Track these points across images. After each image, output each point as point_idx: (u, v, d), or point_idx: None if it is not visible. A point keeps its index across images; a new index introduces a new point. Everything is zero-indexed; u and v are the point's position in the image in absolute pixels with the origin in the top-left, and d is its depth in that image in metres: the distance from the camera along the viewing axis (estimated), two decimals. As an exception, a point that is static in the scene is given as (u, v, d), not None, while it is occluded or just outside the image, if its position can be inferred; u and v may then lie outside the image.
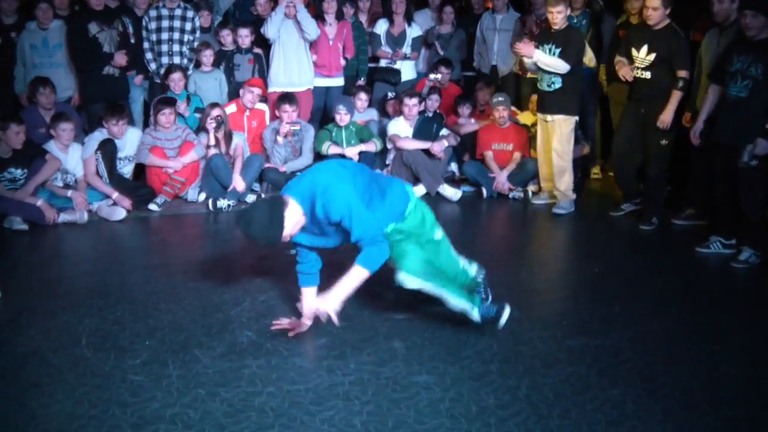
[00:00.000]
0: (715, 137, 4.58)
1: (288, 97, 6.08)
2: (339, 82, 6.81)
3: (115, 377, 2.95)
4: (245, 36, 6.46)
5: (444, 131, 6.42)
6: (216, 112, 5.86)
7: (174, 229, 5.26)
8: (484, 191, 6.15)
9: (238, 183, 5.74)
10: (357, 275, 2.96)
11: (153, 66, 6.44)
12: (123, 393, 2.83)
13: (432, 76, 6.80)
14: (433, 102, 6.53)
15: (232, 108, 6.24)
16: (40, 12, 5.97)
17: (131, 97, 6.46)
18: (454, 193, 6.03)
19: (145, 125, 6.47)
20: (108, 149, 5.50)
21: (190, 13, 6.45)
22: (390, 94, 6.92)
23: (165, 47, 6.39)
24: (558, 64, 5.35)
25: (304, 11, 6.25)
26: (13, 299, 3.78)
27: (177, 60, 6.40)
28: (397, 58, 6.97)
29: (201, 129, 5.97)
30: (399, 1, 6.92)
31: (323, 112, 6.91)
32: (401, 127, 6.32)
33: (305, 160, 6.19)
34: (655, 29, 4.98)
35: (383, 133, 6.43)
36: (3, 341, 3.30)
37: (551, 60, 5.37)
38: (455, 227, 5.41)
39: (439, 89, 6.70)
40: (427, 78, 6.88)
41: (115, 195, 5.43)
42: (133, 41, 6.29)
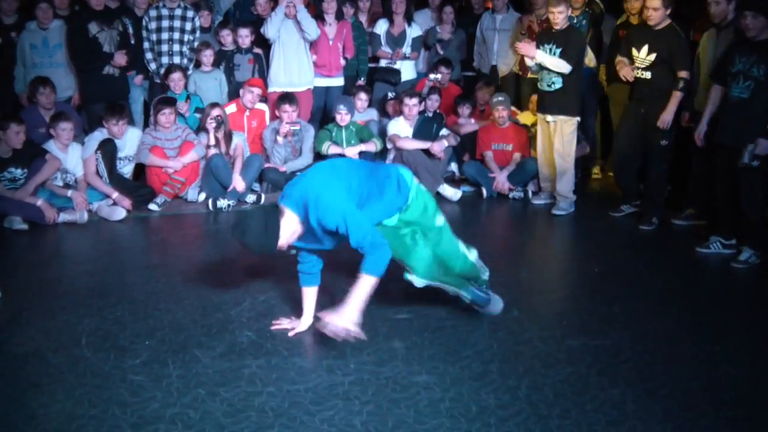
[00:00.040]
0: (717, 138, 4.58)
1: (288, 97, 6.08)
2: (339, 82, 6.81)
3: (115, 377, 2.95)
4: (245, 36, 6.46)
5: (444, 131, 6.42)
6: (216, 112, 5.86)
7: (174, 229, 5.26)
8: (484, 191, 6.15)
9: (238, 183, 5.74)
10: (366, 284, 2.90)
11: (153, 66, 6.43)
12: (123, 393, 2.83)
13: (432, 76, 6.80)
14: (433, 102, 6.53)
15: (232, 108, 6.24)
16: (40, 12, 5.97)
17: (131, 97, 6.46)
18: (454, 193, 6.03)
19: (145, 125, 6.47)
20: (108, 149, 5.50)
21: (190, 13, 6.45)
22: (390, 94, 6.92)
23: (165, 47, 6.39)
24: (560, 64, 5.36)
25: (304, 11, 6.25)
26: (13, 299, 3.78)
27: (177, 60, 6.40)
28: (397, 58, 6.97)
29: (201, 129, 5.97)
30: (399, 1, 6.92)
31: (323, 112, 6.91)
32: (401, 127, 6.32)
33: (305, 160, 6.19)
34: (656, 29, 4.98)
35: (383, 133, 6.43)
36: (3, 341, 3.31)
37: (553, 60, 5.37)
38: (455, 227, 5.34)
39: (439, 89, 6.69)
40: (427, 78, 6.88)
41: (115, 195, 5.43)
42: (133, 41, 6.28)
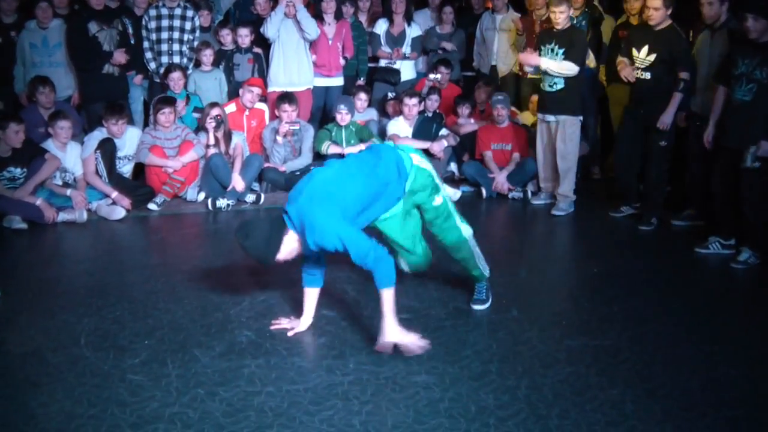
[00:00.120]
0: (719, 140, 4.57)
1: (287, 97, 6.08)
2: (339, 81, 6.81)
3: (115, 377, 2.95)
4: (245, 35, 6.46)
5: (443, 131, 6.42)
6: (215, 111, 5.85)
7: (173, 229, 5.26)
8: (483, 191, 6.15)
9: (237, 182, 5.74)
10: (388, 297, 2.96)
11: (153, 65, 6.43)
12: (122, 392, 2.83)
13: (432, 76, 6.80)
14: (433, 102, 6.53)
15: (231, 107, 6.24)
16: (39, 11, 5.97)
17: (131, 97, 6.46)
18: (453, 193, 6.01)
19: (145, 125, 6.47)
20: (107, 148, 5.50)
21: (189, 13, 6.45)
22: (390, 94, 6.92)
23: (165, 47, 6.38)
24: (566, 66, 5.35)
25: (303, 11, 6.25)
26: (13, 299, 3.77)
27: (177, 59, 6.40)
28: (397, 57, 6.97)
29: (200, 128, 5.97)
30: (399, 1, 6.92)
31: (323, 111, 6.91)
32: (401, 127, 6.32)
33: (305, 159, 6.19)
34: (656, 29, 4.97)
35: (383, 133, 6.43)
36: (2, 340, 3.31)
37: (558, 65, 5.36)
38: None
39: (439, 89, 6.70)
40: (427, 78, 6.88)
41: (115, 194, 5.43)
42: (133, 41, 6.28)
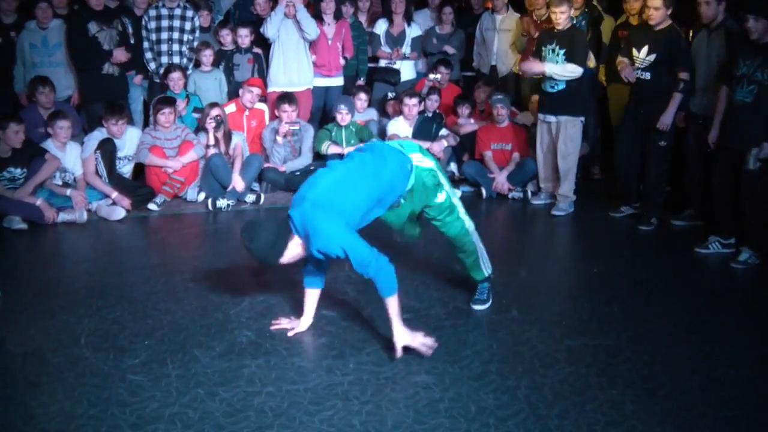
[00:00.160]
0: (722, 141, 4.57)
1: (287, 97, 6.08)
2: (339, 81, 6.81)
3: (114, 377, 2.95)
4: (245, 36, 6.46)
5: (443, 131, 6.42)
6: (215, 111, 5.85)
7: (173, 229, 5.26)
8: (483, 191, 6.14)
9: (237, 183, 5.74)
10: (392, 305, 3.00)
11: (152, 66, 6.43)
12: (122, 393, 2.83)
13: (431, 76, 6.80)
14: (433, 102, 6.53)
15: (231, 108, 6.24)
16: (39, 11, 5.97)
17: (131, 97, 6.46)
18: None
19: (145, 125, 6.47)
20: (107, 149, 5.50)
21: (189, 13, 6.45)
22: (390, 94, 6.92)
23: (164, 47, 6.38)
24: (569, 69, 5.35)
25: (303, 11, 6.25)
26: (13, 299, 3.77)
27: (177, 60, 6.40)
28: (397, 58, 6.97)
29: (200, 129, 5.97)
30: (398, 1, 6.92)
31: (323, 111, 6.90)
32: (401, 127, 6.32)
33: (304, 159, 6.19)
34: (656, 29, 4.96)
35: (383, 133, 6.42)
36: (2, 341, 3.31)
37: (562, 68, 5.36)
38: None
39: (439, 89, 6.70)
40: (427, 78, 6.88)
41: (115, 194, 5.43)
42: (133, 41, 6.28)
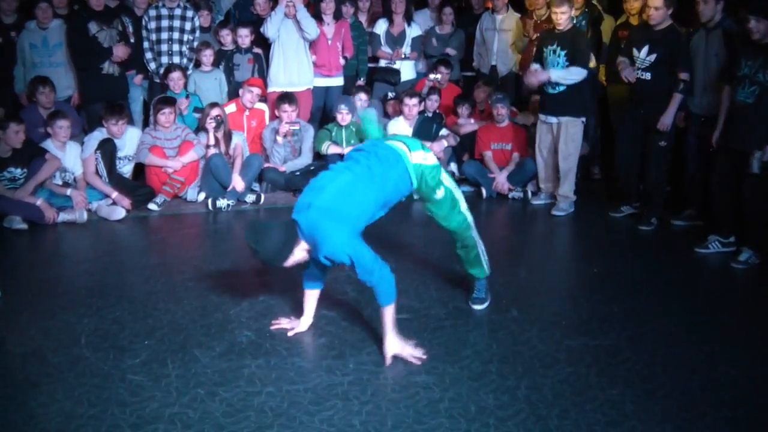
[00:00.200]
0: (723, 141, 4.56)
1: (287, 97, 6.08)
2: (339, 81, 6.81)
3: (115, 377, 2.95)
4: (245, 36, 6.46)
5: (443, 131, 6.41)
6: (215, 111, 5.86)
7: (173, 229, 5.26)
8: (483, 191, 6.14)
9: (237, 183, 5.74)
10: (389, 313, 3.05)
11: (153, 66, 6.43)
12: (122, 392, 2.83)
13: (432, 76, 6.80)
14: (433, 102, 6.53)
15: (231, 108, 6.24)
16: (39, 11, 5.97)
17: (131, 97, 6.46)
18: (453, 194, 6.01)
19: (145, 125, 6.47)
20: (107, 149, 5.50)
21: (189, 13, 6.45)
22: (390, 94, 6.91)
23: (165, 47, 6.38)
24: (574, 72, 5.35)
25: (303, 11, 6.24)
26: (13, 299, 3.78)
27: (177, 60, 6.39)
28: (397, 58, 6.97)
29: (200, 129, 5.97)
30: (399, 1, 6.91)
31: (323, 111, 6.90)
32: (401, 127, 6.31)
33: (304, 159, 6.19)
34: (657, 29, 4.96)
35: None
36: (2, 341, 3.31)
37: (567, 73, 5.36)
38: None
39: (439, 89, 6.70)
40: (427, 78, 6.87)
41: (115, 194, 5.43)
42: (133, 41, 6.28)
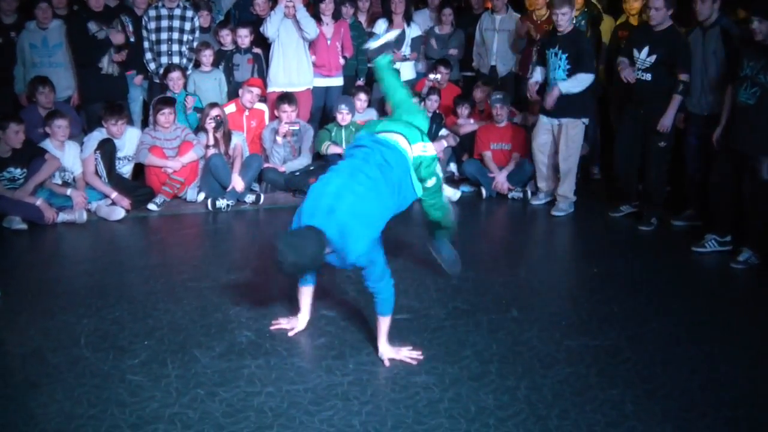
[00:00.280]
0: (725, 141, 4.56)
1: (287, 97, 6.08)
2: (338, 81, 6.80)
3: (114, 377, 2.95)
4: (245, 36, 6.45)
5: (443, 131, 6.41)
6: (215, 112, 5.85)
7: (173, 229, 5.26)
8: (483, 191, 6.14)
9: (237, 183, 5.74)
10: (386, 322, 3.09)
11: (152, 66, 6.43)
12: (122, 393, 2.83)
13: (431, 76, 6.80)
14: (433, 102, 6.52)
15: (231, 108, 6.24)
16: (39, 11, 5.97)
17: (130, 97, 6.45)
18: (453, 194, 6.01)
19: (144, 125, 6.46)
20: (107, 149, 5.50)
21: (189, 13, 6.44)
22: (390, 93, 6.90)
23: (164, 47, 6.38)
24: (582, 79, 5.34)
25: (303, 11, 6.24)
26: (13, 299, 3.77)
27: (176, 60, 6.39)
28: (396, 58, 6.96)
29: (200, 129, 5.97)
30: (398, 1, 6.91)
31: (323, 112, 6.90)
32: (401, 128, 6.30)
33: (304, 160, 6.19)
34: (657, 30, 4.95)
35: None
36: (2, 341, 3.31)
37: (576, 83, 5.36)
38: (455, 228, 5.40)
39: (439, 89, 6.69)
40: (427, 78, 6.87)
41: (114, 195, 5.43)
42: (133, 39, 6.28)
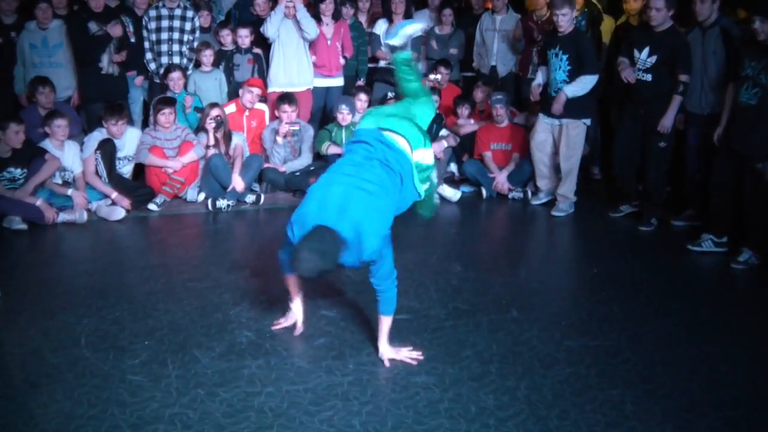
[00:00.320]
0: (726, 141, 4.56)
1: (287, 97, 6.08)
2: (339, 82, 6.80)
3: (114, 377, 2.95)
4: (245, 36, 6.45)
5: (443, 132, 6.40)
6: (215, 112, 5.85)
7: (173, 229, 5.26)
8: (483, 191, 6.14)
9: (237, 183, 5.74)
10: (387, 322, 3.09)
11: (153, 66, 6.43)
12: (122, 393, 2.83)
13: (431, 76, 6.79)
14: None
15: (231, 108, 6.24)
16: (39, 12, 5.96)
17: (131, 97, 6.45)
18: (453, 194, 6.02)
19: (145, 125, 6.47)
20: (107, 149, 5.50)
21: (189, 13, 6.44)
22: (390, 94, 6.89)
23: (165, 47, 6.38)
24: (586, 81, 5.34)
25: (303, 11, 6.24)
26: (13, 299, 3.77)
27: (177, 60, 6.39)
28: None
29: (200, 129, 5.97)
30: (398, 2, 6.91)
31: (323, 112, 6.90)
32: (401, 128, 6.30)
33: (304, 160, 6.19)
34: (657, 31, 4.95)
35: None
36: (2, 341, 3.31)
37: (580, 85, 5.35)
38: (455, 227, 5.41)
39: (439, 90, 6.69)
40: (427, 78, 6.86)
41: (115, 195, 5.43)
42: (133, 39, 6.28)
